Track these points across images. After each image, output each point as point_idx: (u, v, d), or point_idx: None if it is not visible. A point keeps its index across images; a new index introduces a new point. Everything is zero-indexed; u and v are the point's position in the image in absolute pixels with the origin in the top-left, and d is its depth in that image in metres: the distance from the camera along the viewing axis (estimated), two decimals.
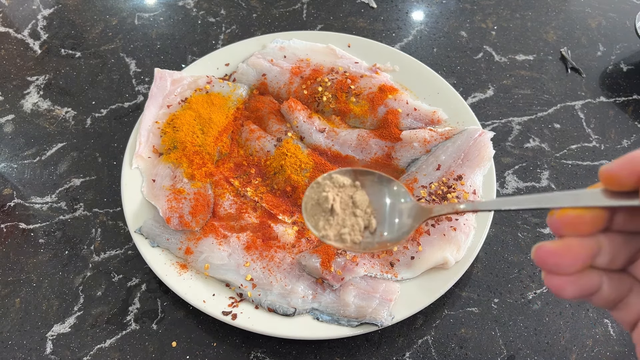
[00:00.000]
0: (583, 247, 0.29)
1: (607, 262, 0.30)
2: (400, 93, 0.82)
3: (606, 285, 0.30)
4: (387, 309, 0.62)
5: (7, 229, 0.76)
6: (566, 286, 0.30)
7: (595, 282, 0.30)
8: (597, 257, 0.30)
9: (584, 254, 0.29)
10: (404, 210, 0.38)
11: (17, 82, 0.93)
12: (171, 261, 0.68)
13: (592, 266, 0.30)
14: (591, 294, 0.30)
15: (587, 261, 0.29)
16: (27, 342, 0.66)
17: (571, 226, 0.30)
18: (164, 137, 0.78)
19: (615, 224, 0.30)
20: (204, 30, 1.01)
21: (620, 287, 0.31)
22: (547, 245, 0.29)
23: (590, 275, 0.30)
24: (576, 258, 0.29)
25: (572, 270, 0.29)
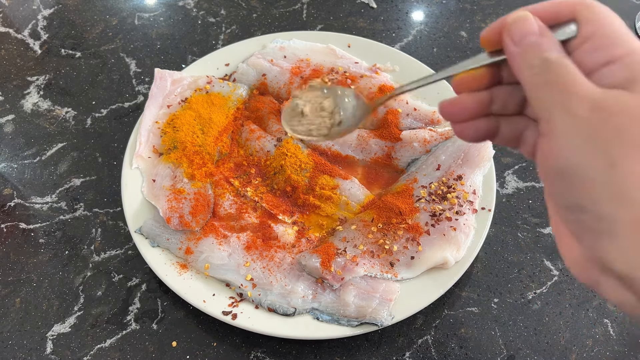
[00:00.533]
0: (472, 98, 0.37)
1: (501, 108, 0.37)
2: None
3: (504, 128, 0.37)
4: (387, 309, 0.62)
5: (7, 229, 0.76)
6: (465, 130, 0.38)
7: (491, 126, 0.37)
8: (491, 106, 0.37)
9: (472, 103, 0.37)
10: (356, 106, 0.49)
11: (17, 82, 0.93)
12: (171, 261, 0.68)
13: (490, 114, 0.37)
14: (490, 136, 0.38)
15: (476, 109, 0.37)
16: (27, 342, 0.66)
17: (463, 85, 0.37)
18: (164, 137, 0.78)
19: (504, 78, 0.37)
20: (204, 31, 1.01)
21: (517, 127, 0.37)
22: (445, 100, 0.37)
23: (486, 120, 0.37)
24: (466, 107, 0.37)
25: (465, 117, 0.37)
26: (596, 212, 0.28)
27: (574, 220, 0.30)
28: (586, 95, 0.29)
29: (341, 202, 0.73)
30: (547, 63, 0.30)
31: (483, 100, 0.37)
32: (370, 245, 0.67)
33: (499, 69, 0.37)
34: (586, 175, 0.28)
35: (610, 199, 0.28)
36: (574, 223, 0.31)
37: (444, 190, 0.70)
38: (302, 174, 0.75)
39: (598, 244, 0.29)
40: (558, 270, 0.71)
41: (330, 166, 0.76)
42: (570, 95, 0.29)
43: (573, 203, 0.30)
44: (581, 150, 0.28)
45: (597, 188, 0.28)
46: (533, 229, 0.75)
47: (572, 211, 0.30)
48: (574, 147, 0.29)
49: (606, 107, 0.28)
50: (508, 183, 0.80)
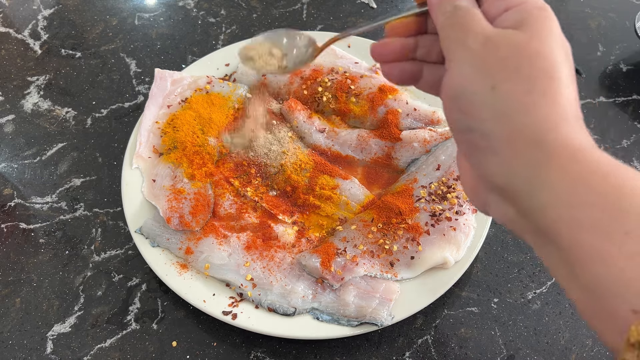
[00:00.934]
0: (400, 41, 0.41)
1: (425, 54, 0.41)
2: (400, 93, 0.82)
3: (426, 73, 0.42)
4: (387, 309, 0.62)
5: (8, 229, 0.76)
6: (391, 70, 0.42)
7: (415, 69, 0.42)
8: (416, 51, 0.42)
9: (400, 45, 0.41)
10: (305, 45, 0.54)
11: (17, 82, 0.93)
12: (171, 261, 0.68)
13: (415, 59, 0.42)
14: (414, 79, 0.42)
15: (402, 51, 0.41)
16: (27, 342, 0.66)
17: (393, 30, 0.42)
18: (164, 137, 0.78)
19: (429, 29, 0.42)
20: (204, 31, 1.01)
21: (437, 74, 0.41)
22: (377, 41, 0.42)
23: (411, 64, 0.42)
24: (393, 49, 0.42)
25: (392, 57, 0.42)
26: (480, 130, 0.33)
27: (465, 140, 0.35)
28: (481, 32, 0.33)
29: (341, 202, 0.73)
30: (456, 9, 0.35)
31: (409, 44, 0.42)
32: (370, 245, 0.67)
33: (425, 21, 0.42)
34: (472, 98, 0.33)
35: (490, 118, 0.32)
36: (465, 144, 0.35)
37: (444, 190, 0.71)
38: (302, 174, 0.75)
39: (483, 159, 0.33)
40: None
41: (330, 166, 0.76)
42: (468, 33, 0.34)
43: (464, 125, 0.34)
44: (470, 77, 0.33)
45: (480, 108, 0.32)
46: None
47: (463, 133, 0.35)
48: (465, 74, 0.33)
49: (495, 42, 0.32)
50: None
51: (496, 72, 0.32)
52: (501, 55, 0.32)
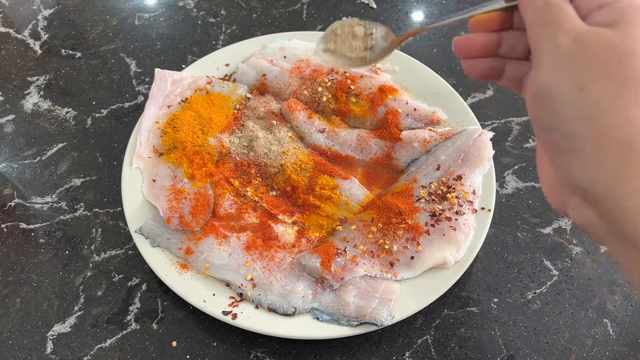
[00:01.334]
0: (484, 37, 0.41)
1: (508, 51, 0.41)
2: (400, 93, 0.82)
3: (509, 69, 0.41)
4: (387, 309, 0.62)
5: (8, 229, 0.76)
6: (474, 66, 0.42)
7: (498, 65, 0.41)
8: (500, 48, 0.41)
9: (484, 42, 0.41)
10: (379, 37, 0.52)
11: (17, 82, 0.93)
12: (171, 261, 0.68)
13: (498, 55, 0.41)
14: (496, 75, 0.42)
15: (486, 47, 0.41)
16: (27, 342, 0.66)
17: (477, 25, 0.41)
18: (164, 137, 0.78)
19: (515, 24, 0.40)
20: (204, 31, 1.01)
21: (520, 70, 0.41)
22: (460, 36, 0.41)
23: (494, 60, 0.41)
24: (477, 44, 0.41)
25: (476, 53, 0.41)
26: (564, 130, 0.32)
27: (548, 140, 0.34)
28: (572, 29, 0.32)
29: (341, 202, 0.73)
30: (548, 5, 0.34)
31: (493, 40, 0.41)
32: (370, 245, 0.67)
33: (511, 16, 0.40)
34: (559, 97, 0.32)
35: (577, 119, 0.31)
36: (548, 143, 0.34)
37: (443, 190, 0.71)
38: (302, 174, 0.75)
39: (565, 161, 0.33)
40: (558, 270, 0.71)
41: (330, 166, 0.76)
42: (558, 30, 0.33)
43: (547, 124, 0.33)
44: (558, 75, 0.32)
45: (567, 108, 0.31)
46: (533, 229, 0.75)
47: (546, 131, 0.34)
48: (552, 72, 0.32)
49: (586, 39, 0.31)
50: (508, 183, 0.80)
51: (585, 71, 0.31)
52: (592, 53, 0.31)
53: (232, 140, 0.80)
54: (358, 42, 0.53)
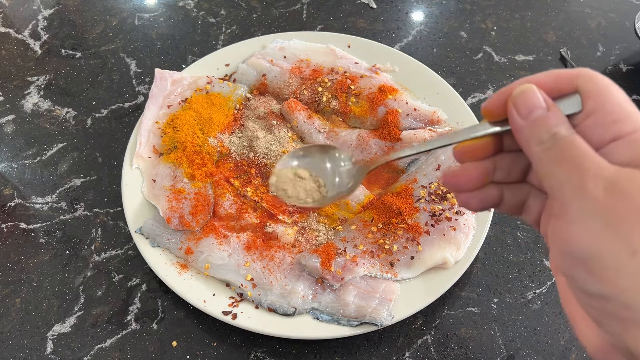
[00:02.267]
0: (477, 168, 0.36)
1: (504, 176, 0.36)
2: (400, 93, 0.82)
3: (507, 195, 0.37)
4: (387, 309, 0.62)
5: (8, 229, 0.76)
6: (470, 200, 0.37)
7: (496, 194, 0.37)
8: (495, 174, 0.36)
9: (477, 173, 0.36)
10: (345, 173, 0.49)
11: (17, 83, 0.93)
12: (171, 261, 0.68)
13: (493, 182, 0.37)
14: (495, 204, 0.37)
15: (481, 179, 0.36)
16: (27, 342, 0.66)
17: (466, 154, 0.37)
18: (164, 137, 0.78)
19: (506, 146, 0.36)
20: (204, 31, 1.01)
21: (520, 194, 0.37)
22: (449, 170, 0.37)
23: (490, 189, 0.37)
24: (471, 177, 0.36)
25: (470, 187, 0.37)
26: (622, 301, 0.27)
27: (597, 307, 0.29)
28: (599, 174, 0.28)
29: (341, 202, 0.73)
30: (556, 139, 0.30)
31: (487, 169, 0.36)
32: (370, 245, 0.67)
33: (501, 137, 0.36)
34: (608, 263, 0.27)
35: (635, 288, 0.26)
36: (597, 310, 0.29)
37: (443, 190, 0.71)
38: None
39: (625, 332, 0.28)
40: None
41: None
42: (582, 174, 0.28)
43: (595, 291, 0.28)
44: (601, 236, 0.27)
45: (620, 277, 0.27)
46: (533, 229, 0.75)
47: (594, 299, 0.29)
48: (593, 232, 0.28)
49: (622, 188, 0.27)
50: None
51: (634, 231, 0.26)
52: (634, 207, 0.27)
53: (232, 140, 0.80)
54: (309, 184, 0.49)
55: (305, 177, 0.50)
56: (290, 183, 0.50)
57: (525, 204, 0.37)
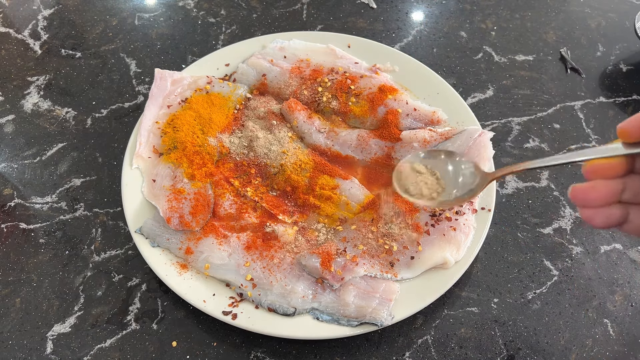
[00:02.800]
0: (606, 186, 0.38)
1: (631, 197, 0.38)
2: (400, 93, 0.82)
3: (633, 216, 0.38)
4: (387, 309, 0.62)
5: (8, 229, 0.76)
6: (594, 216, 0.39)
7: (621, 214, 0.38)
8: (622, 194, 0.38)
9: (606, 191, 0.38)
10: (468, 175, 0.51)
11: (17, 82, 0.93)
12: (171, 261, 0.68)
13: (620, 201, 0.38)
14: (619, 223, 0.39)
15: (609, 197, 0.38)
16: (27, 342, 0.66)
17: (596, 172, 0.39)
18: (164, 137, 0.78)
19: (637, 168, 0.38)
20: (204, 31, 1.01)
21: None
22: (579, 185, 0.39)
23: (616, 208, 0.38)
24: (600, 194, 0.38)
25: (597, 204, 0.38)
26: None
27: None
28: None
29: (341, 202, 0.73)
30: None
31: (616, 188, 0.38)
32: (370, 245, 0.67)
33: (634, 159, 0.38)
34: None
35: None
36: None
37: None
38: (302, 174, 0.75)
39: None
40: (558, 270, 0.71)
41: (330, 166, 0.76)
42: None
43: None
44: None
45: None
46: (533, 229, 0.75)
47: None
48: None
49: None
50: (508, 183, 0.80)
51: None
52: None
53: (232, 140, 0.80)
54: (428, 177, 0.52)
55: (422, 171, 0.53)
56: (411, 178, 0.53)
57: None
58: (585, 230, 0.75)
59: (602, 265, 0.71)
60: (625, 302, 0.68)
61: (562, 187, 0.79)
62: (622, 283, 0.70)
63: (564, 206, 0.77)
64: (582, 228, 0.75)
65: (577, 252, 0.73)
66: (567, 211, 0.77)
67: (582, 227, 0.75)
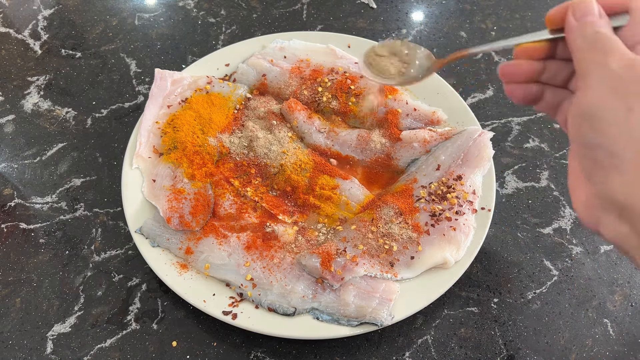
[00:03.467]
0: (529, 65, 0.44)
1: (549, 78, 0.44)
2: (400, 93, 0.82)
3: (548, 95, 0.45)
4: (387, 309, 0.62)
5: (8, 229, 0.76)
6: (516, 90, 0.45)
7: (538, 91, 0.45)
8: (542, 75, 0.44)
9: (528, 69, 0.44)
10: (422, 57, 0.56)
11: (17, 83, 0.93)
12: (171, 261, 0.68)
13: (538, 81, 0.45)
14: (535, 100, 0.46)
15: (530, 74, 0.44)
16: (27, 342, 0.66)
17: (524, 53, 0.44)
18: (164, 137, 0.78)
19: (557, 54, 0.44)
20: (204, 31, 1.01)
21: (558, 97, 0.45)
22: (507, 62, 0.45)
23: (535, 86, 0.45)
24: (522, 70, 0.44)
25: (520, 79, 0.45)
26: (610, 148, 0.34)
27: (590, 156, 0.36)
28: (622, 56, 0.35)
29: (341, 202, 0.73)
30: (597, 34, 0.37)
31: (537, 68, 0.44)
32: (370, 245, 0.67)
33: (555, 46, 0.43)
34: (607, 117, 0.34)
35: (622, 138, 0.33)
36: (590, 160, 0.36)
37: (443, 191, 0.71)
38: (302, 174, 0.75)
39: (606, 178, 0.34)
40: (558, 270, 0.71)
41: (330, 166, 0.76)
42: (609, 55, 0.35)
43: (592, 141, 0.35)
44: (607, 96, 0.34)
45: (614, 128, 0.34)
46: (533, 229, 0.75)
47: (589, 148, 0.36)
48: (602, 94, 0.35)
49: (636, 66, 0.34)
50: (508, 183, 0.80)
51: (634, 93, 0.33)
52: None
53: (232, 140, 0.80)
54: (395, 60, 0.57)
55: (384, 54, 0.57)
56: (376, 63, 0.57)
57: (560, 106, 0.45)
58: (585, 230, 0.75)
59: (602, 265, 0.71)
60: (625, 302, 0.68)
61: (563, 187, 0.79)
62: (622, 283, 0.70)
63: (564, 206, 0.77)
64: (582, 228, 0.75)
65: (577, 252, 0.73)
66: (567, 211, 0.77)
67: (582, 228, 0.75)
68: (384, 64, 0.57)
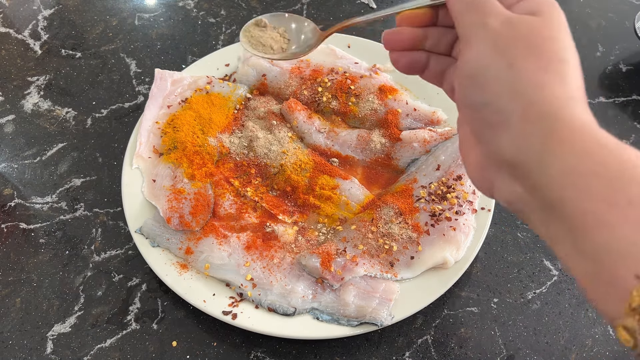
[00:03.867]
0: (411, 32, 0.44)
1: (433, 46, 0.44)
2: (400, 93, 0.82)
3: (432, 63, 0.45)
4: (387, 309, 0.62)
5: (8, 229, 0.76)
6: (400, 58, 0.45)
7: (423, 59, 0.45)
8: (425, 42, 0.44)
9: (411, 35, 0.44)
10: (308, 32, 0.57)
11: (17, 83, 0.93)
12: (171, 261, 0.68)
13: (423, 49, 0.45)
14: (420, 68, 0.45)
15: (413, 41, 0.44)
16: (27, 342, 0.66)
17: (405, 20, 0.44)
18: (164, 137, 0.78)
19: (440, 21, 0.44)
20: (204, 31, 1.01)
21: (443, 64, 0.45)
22: (389, 30, 0.45)
23: (419, 54, 0.45)
24: (404, 37, 0.44)
25: (403, 46, 0.45)
26: (495, 105, 0.34)
27: (477, 117, 0.36)
28: (501, 15, 0.36)
29: (341, 202, 0.73)
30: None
31: (419, 35, 0.44)
32: (370, 245, 0.67)
33: (436, 13, 0.44)
34: (490, 74, 0.34)
35: (506, 94, 0.33)
36: (477, 120, 0.36)
37: (443, 191, 0.71)
38: (302, 174, 0.75)
39: (495, 136, 0.35)
40: (558, 270, 0.71)
41: (330, 166, 0.76)
42: (487, 15, 0.36)
43: (478, 100, 0.35)
44: (488, 54, 0.35)
45: (497, 84, 0.34)
46: (533, 229, 0.75)
47: (476, 108, 0.36)
48: (483, 52, 0.35)
49: (514, 23, 0.35)
50: None
51: (513, 50, 0.34)
52: (519, 35, 0.34)
53: (232, 141, 0.80)
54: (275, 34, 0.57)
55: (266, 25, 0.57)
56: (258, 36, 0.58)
57: (445, 74, 0.45)
58: None
59: None
60: None
61: None
62: None
63: None
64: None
65: None
66: None
67: None
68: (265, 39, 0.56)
